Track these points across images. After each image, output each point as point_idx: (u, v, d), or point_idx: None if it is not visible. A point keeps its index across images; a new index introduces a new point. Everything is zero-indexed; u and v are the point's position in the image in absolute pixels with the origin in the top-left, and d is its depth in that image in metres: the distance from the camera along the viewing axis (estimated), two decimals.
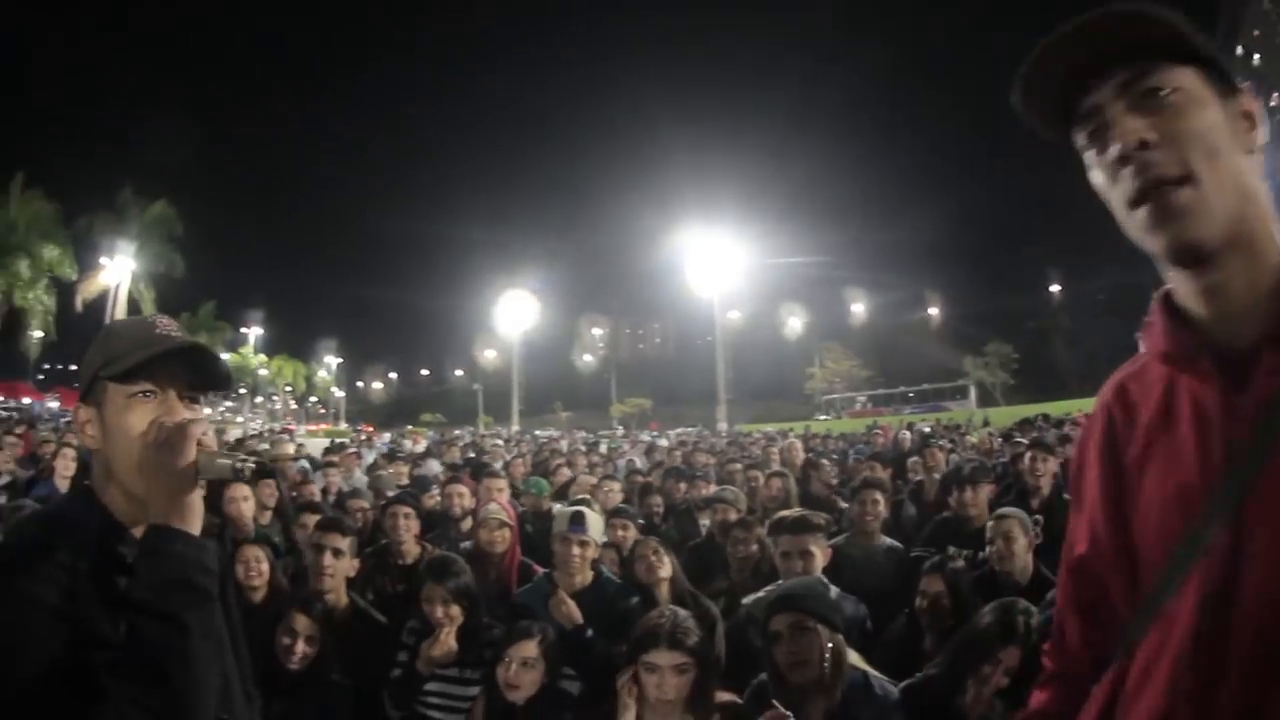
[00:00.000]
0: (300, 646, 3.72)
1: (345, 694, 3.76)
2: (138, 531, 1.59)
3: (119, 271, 41.13)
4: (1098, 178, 1.23)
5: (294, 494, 7.90)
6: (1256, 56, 69.16)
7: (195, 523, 1.52)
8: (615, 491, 7.80)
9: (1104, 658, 1.36)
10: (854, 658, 3.18)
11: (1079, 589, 1.45)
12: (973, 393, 69.09)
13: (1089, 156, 1.24)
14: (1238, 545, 1.10)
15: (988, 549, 4.54)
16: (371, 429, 62.69)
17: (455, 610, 3.87)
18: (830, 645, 3.03)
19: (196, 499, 1.54)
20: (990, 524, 4.59)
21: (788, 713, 2.81)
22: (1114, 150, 1.17)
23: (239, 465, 1.62)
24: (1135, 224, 1.17)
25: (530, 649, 3.55)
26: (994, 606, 3.32)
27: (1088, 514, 1.39)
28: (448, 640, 3.83)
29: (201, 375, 1.72)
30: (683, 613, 3.26)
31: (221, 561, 1.65)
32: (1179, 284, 1.24)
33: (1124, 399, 1.35)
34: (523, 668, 3.51)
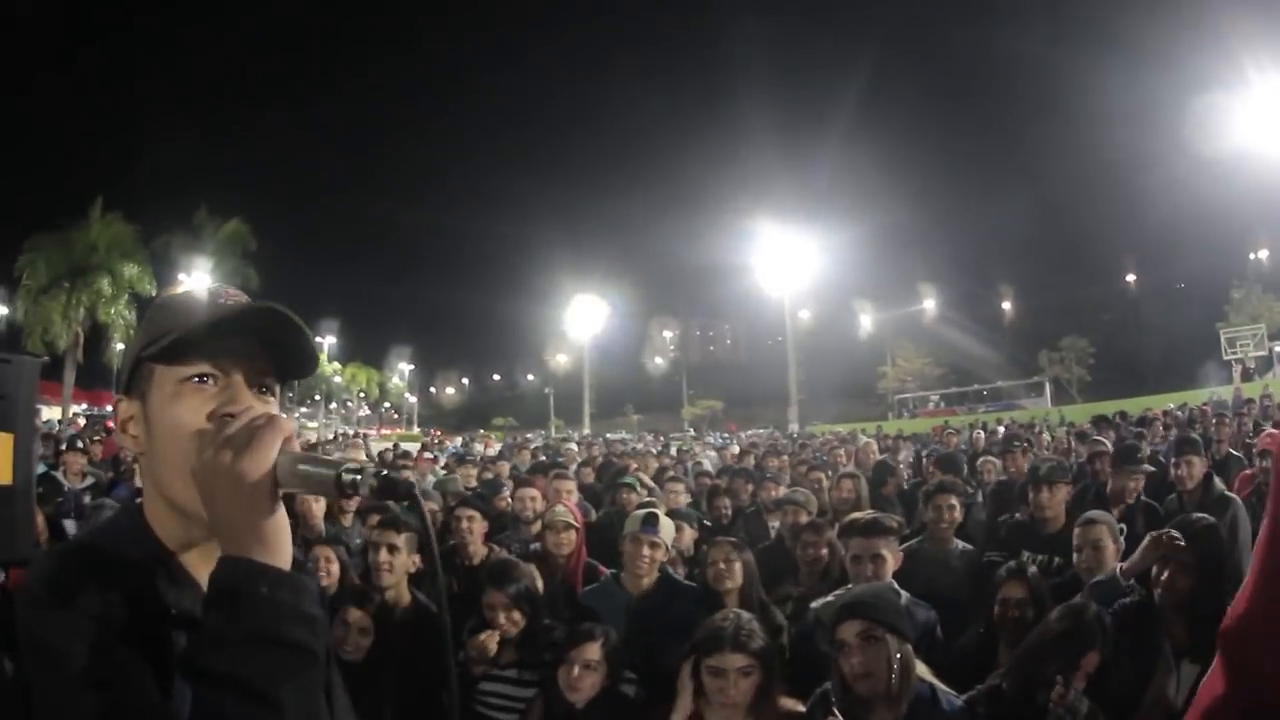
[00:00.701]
0: (353, 638, 3.76)
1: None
2: (189, 559, 1.26)
3: (196, 286, 42.27)
4: None
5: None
6: None
7: (283, 551, 1.11)
8: (680, 493, 7.77)
9: None
10: (921, 669, 3.11)
11: None
12: (1048, 389, 67.76)
13: None
14: None
15: (1075, 556, 4.38)
16: (439, 433, 63.33)
17: (516, 615, 3.87)
18: (899, 655, 2.97)
19: (282, 518, 1.13)
20: (1078, 530, 4.43)
21: None
22: None
23: (347, 475, 1.13)
24: None
25: (593, 651, 3.54)
26: (1062, 612, 3.28)
27: None
28: (490, 640, 3.83)
29: (279, 354, 1.31)
30: (746, 615, 3.25)
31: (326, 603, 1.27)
32: None
33: None
34: (585, 670, 3.50)
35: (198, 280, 42.00)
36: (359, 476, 1.13)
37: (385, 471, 1.17)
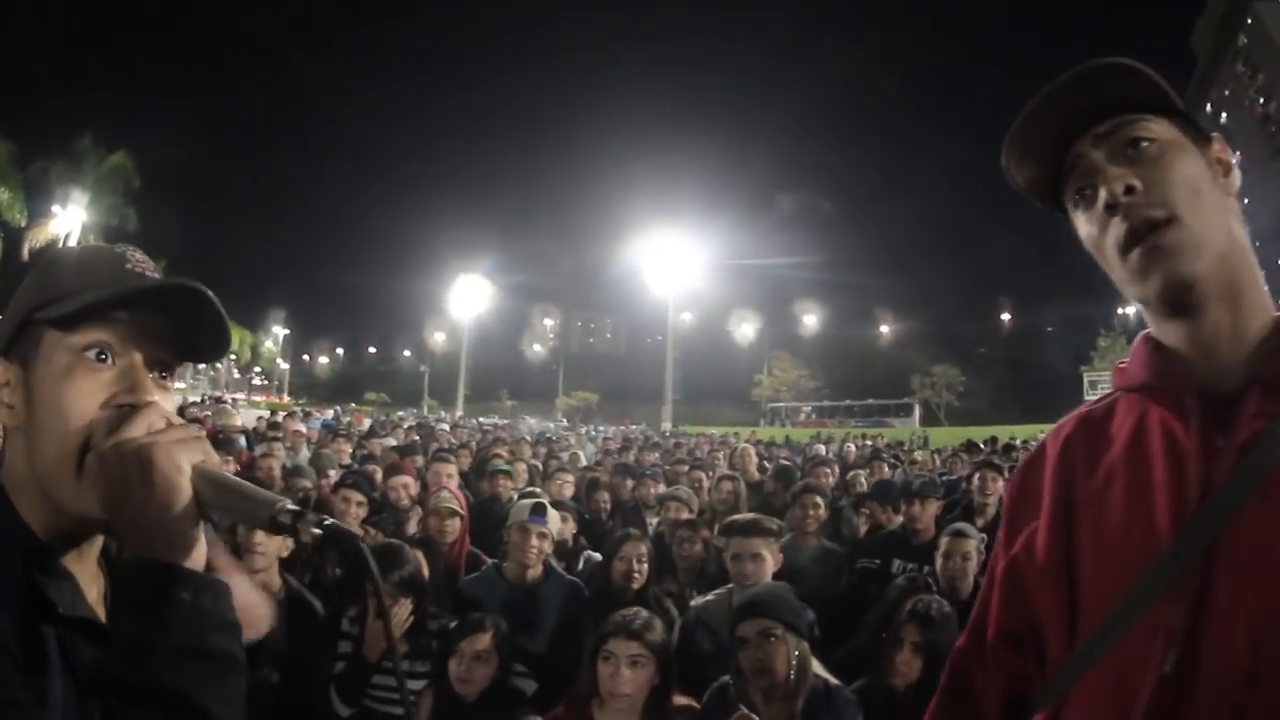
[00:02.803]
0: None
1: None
2: (68, 558, 1.12)
3: (70, 221, 39.88)
4: (1087, 230, 1.24)
5: (239, 471, 7.68)
6: (1224, 115, 71.85)
7: (200, 554, 1.04)
8: (568, 484, 7.77)
9: (1017, 699, 1.34)
10: (815, 665, 3.19)
11: (1005, 604, 1.38)
12: (917, 411, 70.09)
13: (1078, 216, 1.26)
14: (1207, 586, 1.07)
15: (940, 563, 4.57)
16: (282, 400, 61.53)
17: (404, 602, 3.69)
18: (797, 653, 3.06)
19: (197, 518, 1.04)
20: (948, 539, 4.62)
21: (753, 716, 2.83)
22: (1103, 196, 1.19)
23: (280, 511, 1.03)
24: (1129, 270, 1.17)
25: (483, 641, 3.45)
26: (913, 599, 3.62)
27: (1029, 529, 1.35)
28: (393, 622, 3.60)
29: (187, 336, 1.19)
30: (647, 613, 3.24)
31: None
32: (1167, 333, 1.23)
33: (1088, 431, 1.34)
34: (475, 661, 3.42)
35: (72, 215, 39.73)
36: (299, 523, 1.02)
37: (329, 521, 1.05)
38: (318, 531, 1.02)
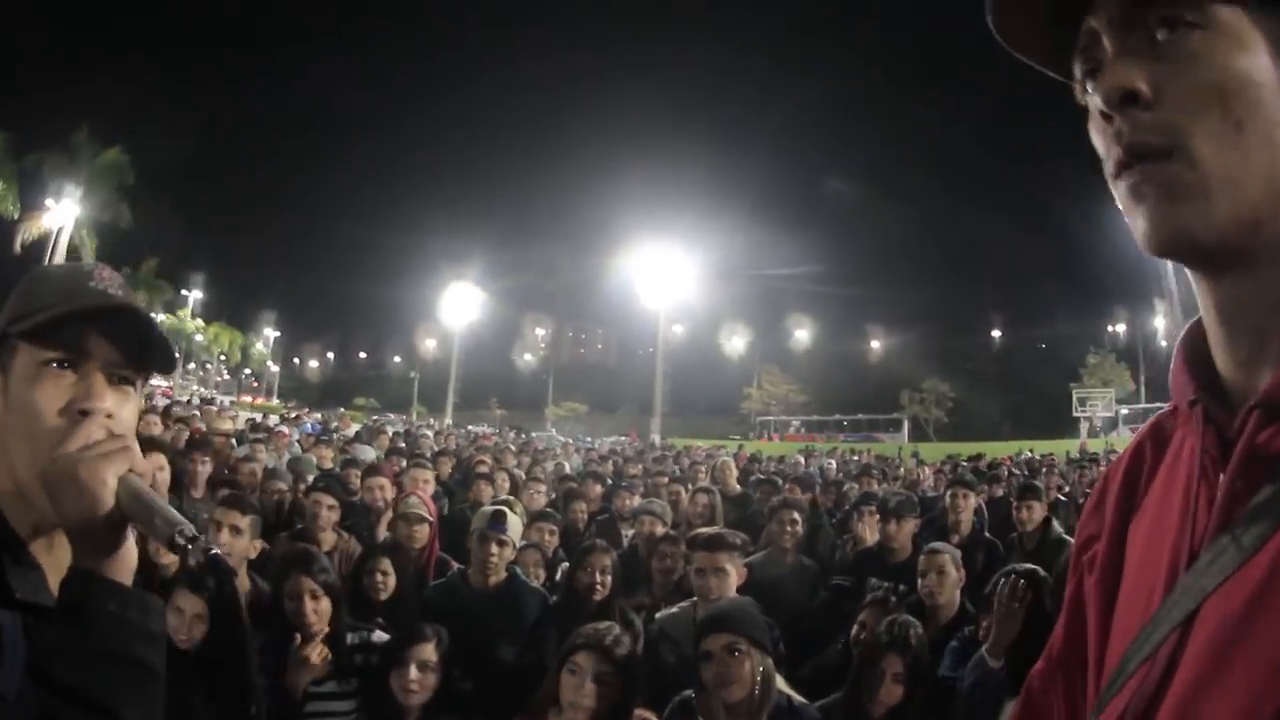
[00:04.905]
0: (186, 627, 3.33)
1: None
2: (39, 548, 1.22)
3: (63, 215, 39.41)
4: (1092, 133, 0.86)
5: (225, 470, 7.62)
6: None
7: (128, 565, 1.12)
8: (540, 494, 7.76)
9: None
10: (779, 681, 3.18)
11: (1065, 633, 1.12)
12: (906, 426, 70.21)
13: (1088, 99, 0.86)
14: (1176, 658, 0.81)
15: (919, 580, 4.55)
16: (271, 402, 61.24)
17: (325, 604, 3.54)
18: (761, 669, 3.04)
19: (127, 533, 1.13)
20: (924, 558, 4.61)
21: None
22: (1095, 103, 0.82)
23: (180, 538, 1.11)
24: (1120, 201, 0.83)
25: (428, 651, 3.39)
26: (887, 624, 3.58)
27: (1091, 553, 1.07)
28: (315, 651, 3.48)
29: (138, 349, 1.27)
30: (620, 628, 3.25)
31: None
32: (1200, 295, 0.86)
33: (1156, 443, 1.02)
34: (422, 671, 3.35)
35: (65, 209, 39.42)
36: (189, 546, 1.11)
37: (215, 550, 1.18)
38: (202, 560, 1.13)
